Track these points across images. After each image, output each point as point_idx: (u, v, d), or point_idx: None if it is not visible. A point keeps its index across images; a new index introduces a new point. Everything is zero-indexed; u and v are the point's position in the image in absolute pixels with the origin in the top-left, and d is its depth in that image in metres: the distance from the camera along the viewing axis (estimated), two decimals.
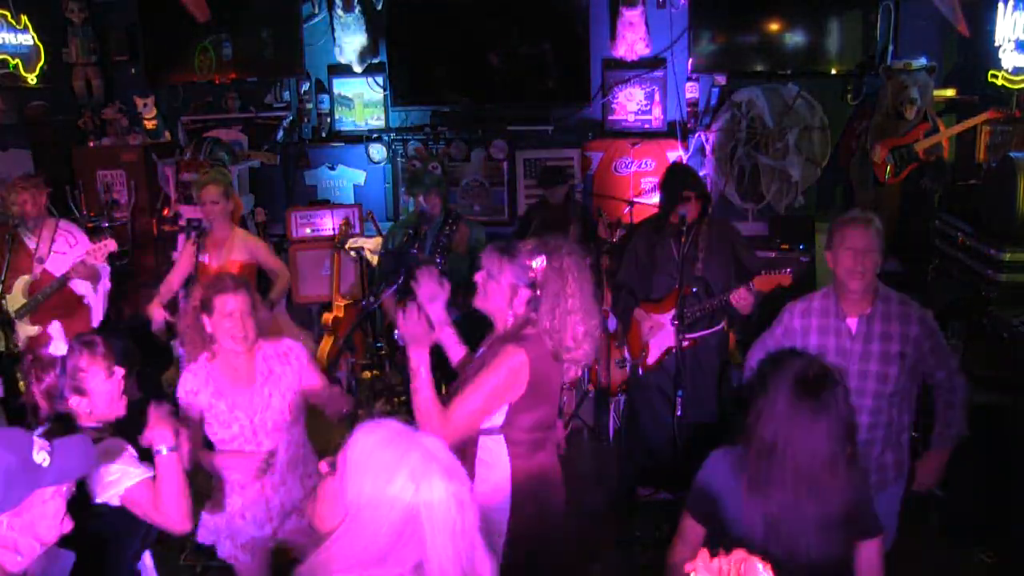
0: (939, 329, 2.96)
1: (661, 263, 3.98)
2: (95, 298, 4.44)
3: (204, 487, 2.97)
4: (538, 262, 2.53)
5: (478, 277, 2.60)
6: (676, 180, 3.96)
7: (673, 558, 2.33)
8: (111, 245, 4.07)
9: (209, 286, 2.82)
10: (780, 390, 2.11)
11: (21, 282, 4.29)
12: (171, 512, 2.26)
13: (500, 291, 2.55)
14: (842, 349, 2.89)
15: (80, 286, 4.34)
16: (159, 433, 2.27)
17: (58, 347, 2.36)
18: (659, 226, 4.03)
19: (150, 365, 5.20)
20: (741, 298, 3.66)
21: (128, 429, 2.34)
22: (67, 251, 4.34)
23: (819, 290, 3.05)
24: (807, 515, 2.10)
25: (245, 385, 2.84)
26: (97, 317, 4.49)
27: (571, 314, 2.50)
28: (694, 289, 3.90)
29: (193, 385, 2.84)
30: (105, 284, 4.44)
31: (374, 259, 5.52)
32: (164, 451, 2.26)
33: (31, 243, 4.36)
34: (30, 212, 4.28)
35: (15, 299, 4.28)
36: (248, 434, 2.84)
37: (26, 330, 4.28)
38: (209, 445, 2.91)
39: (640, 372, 4.11)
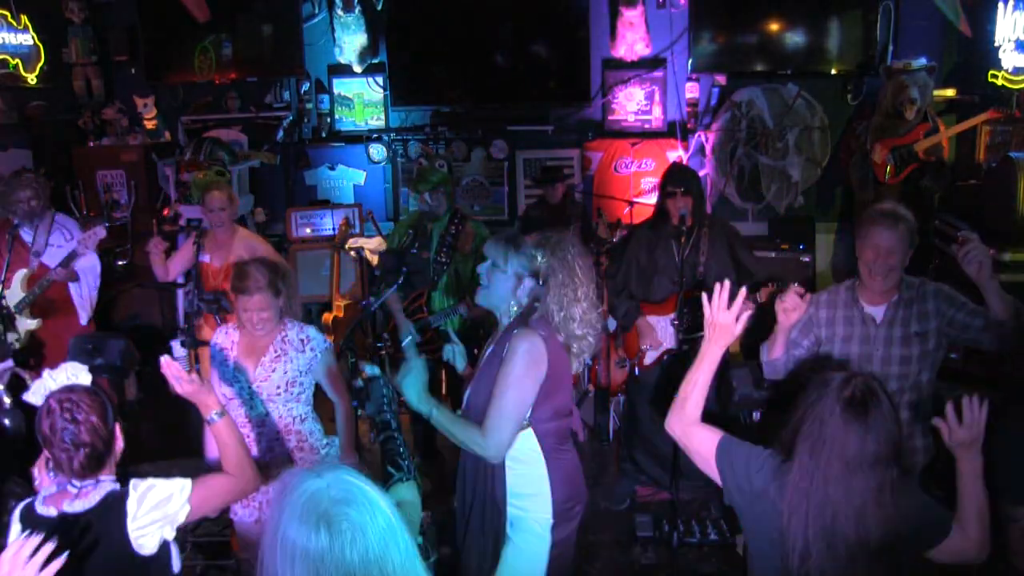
0: (957, 292, 2.86)
1: (662, 265, 3.99)
2: (80, 299, 4.45)
3: None
4: (542, 253, 2.53)
5: (482, 268, 2.60)
6: (665, 177, 4.01)
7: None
8: (100, 232, 4.11)
9: (235, 278, 3.03)
10: (828, 410, 1.98)
11: (19, 276, 4.30)
12: (242, 474, 2.25)
13: (505, 280, 2.53)
14: (866, 336, 2.88)
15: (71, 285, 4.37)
16: (204, 403, 2.26)
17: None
18: (657, 227, 4.03)
19: (150, 365, 5.20)
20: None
21: (133, 428, 2.33)
22: (63, 244, 4.36)
23: (845, 281, 3.02)
24: (850, 541, 2.00)
25: (256, 357, 3.07)
26: (83, 316, 4.49)
27: (580, 303, 2.51)
28: (698, 292, 3.90)
29: (222, 341, 3.14)
30: (91, 284, 4.45)
31: (374, 259, 5.51)
32: (216, 417, 2.25)
33: (27, 236, 4.37)
34: (35, 208, 4.31)
35: (14, 293, 4.29)
36: (245, 396, 3.05)
37: (25, 324, 4.29)
38: None
39: (639, 372, 4.12)
